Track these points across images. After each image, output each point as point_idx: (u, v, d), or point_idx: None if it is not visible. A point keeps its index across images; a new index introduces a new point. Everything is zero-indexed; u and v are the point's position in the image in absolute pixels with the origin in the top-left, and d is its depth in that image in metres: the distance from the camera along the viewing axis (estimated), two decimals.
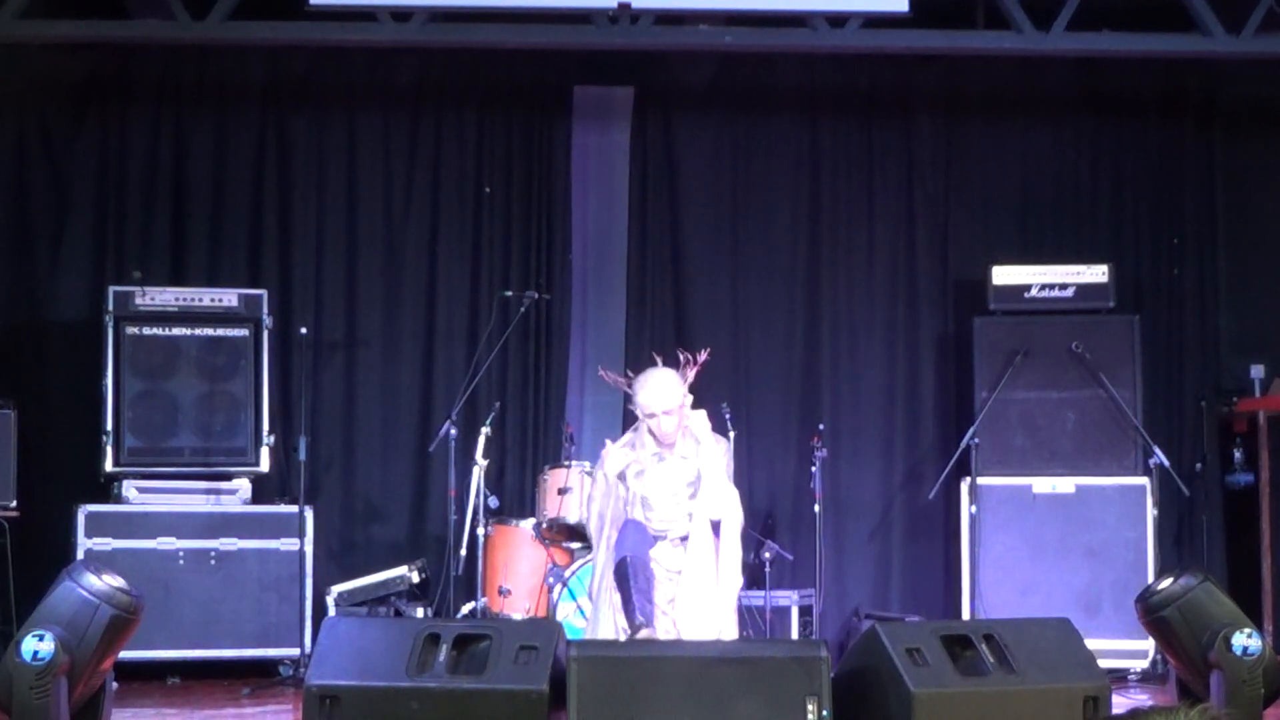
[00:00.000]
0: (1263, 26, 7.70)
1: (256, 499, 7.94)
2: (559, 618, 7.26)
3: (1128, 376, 8.11)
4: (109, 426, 7.76)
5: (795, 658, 5.20)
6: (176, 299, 7.98)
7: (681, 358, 6.74)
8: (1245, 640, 5.32)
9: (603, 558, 6.61)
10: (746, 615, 7.49)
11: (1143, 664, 7.80)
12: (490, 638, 5.23)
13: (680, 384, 6.65)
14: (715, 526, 6.60)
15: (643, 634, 6.24)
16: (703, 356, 6.75)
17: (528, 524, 7.79)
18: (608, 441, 6.78)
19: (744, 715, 5.08)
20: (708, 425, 6.81)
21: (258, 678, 7.57)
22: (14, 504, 7.58)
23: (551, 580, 7.52)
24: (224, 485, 7.89)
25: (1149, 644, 7.60)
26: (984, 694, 5.20)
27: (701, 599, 6.45)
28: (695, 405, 6.78)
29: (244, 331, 7.99)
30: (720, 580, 6.54)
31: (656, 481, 6.64)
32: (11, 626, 6.72)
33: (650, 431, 6.66)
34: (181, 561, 7.70)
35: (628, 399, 8.41)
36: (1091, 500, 8.01)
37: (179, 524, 7.73)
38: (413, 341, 8.69)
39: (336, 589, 8.08)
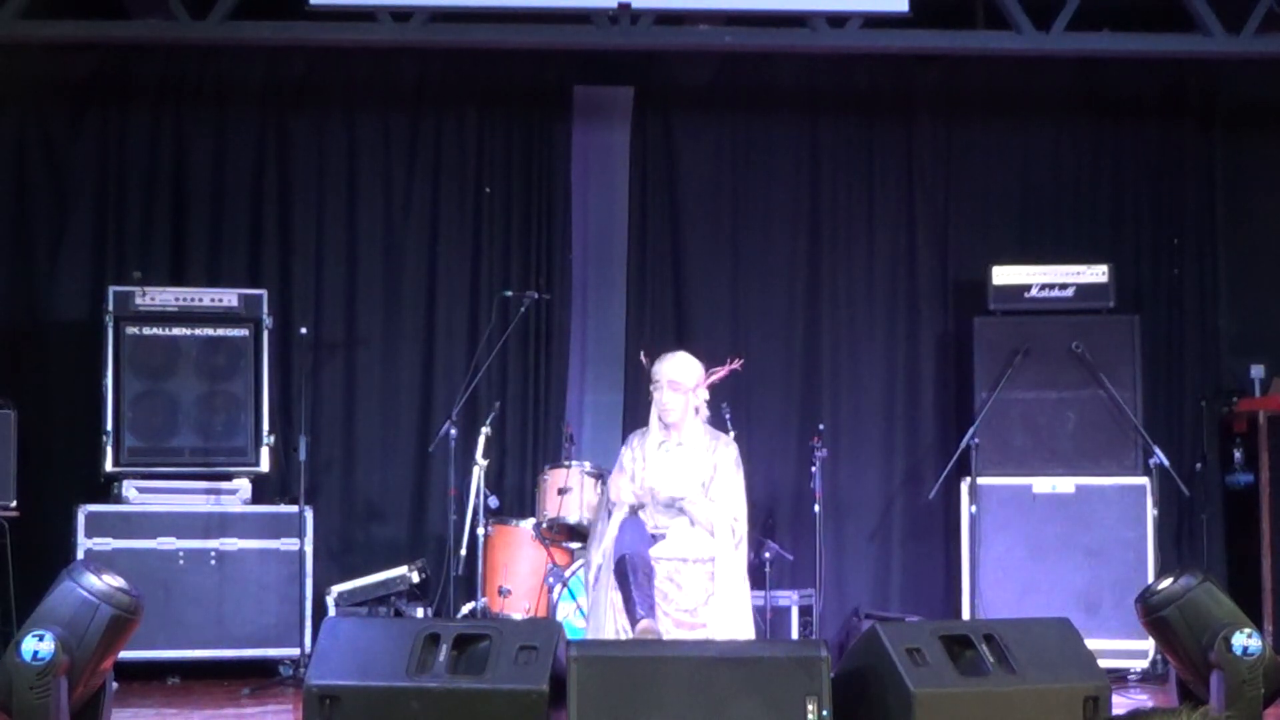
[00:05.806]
0: (1263, 26, 7.69)
1: (256, 499, 7.94)
2: (559, 618, 7.26)
3: (1128, 376, 8.11)
4: (109, 426, 7.77)
5: (795, 658, 5.20)
6: (176, 299, 7.98)
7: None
8: (1245, 640, 5.32)
9: (598, 563, 6.61)
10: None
11: (1143, 664, 7.80)
12: (490, 638, 5.23)
13: (699, 372, 6.74)
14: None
15: (643, 625, 6.24)
16: (735, 364, 6.81)
17: (528, 524, 7.78)
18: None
19: (744, 715, 5.07)
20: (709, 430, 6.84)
21: (258, 678, 7.57)
22: (14, 504, 7.57)
23: (551, 580, 7.52)
24: (224, 485, 7.89)
25: (1149, 644, 7.60)
26: (984, 694, 5.20)
27: (733, 601, 6.47)
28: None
29: (244, 331, 7.99)
30: (737, 582, 6.57)
31: (659, 473, 6.63)
32: (11, 626, 6.72)
33: (655, 408, 6.67)
34: (181, 561, 7.70)
35: (627, 397, 8.48)
36: (1091, 500, 8.00)
37: (179, 524, 7.73)
38: (413, 341, 8.69)
39: (336, 589, 8.08)
